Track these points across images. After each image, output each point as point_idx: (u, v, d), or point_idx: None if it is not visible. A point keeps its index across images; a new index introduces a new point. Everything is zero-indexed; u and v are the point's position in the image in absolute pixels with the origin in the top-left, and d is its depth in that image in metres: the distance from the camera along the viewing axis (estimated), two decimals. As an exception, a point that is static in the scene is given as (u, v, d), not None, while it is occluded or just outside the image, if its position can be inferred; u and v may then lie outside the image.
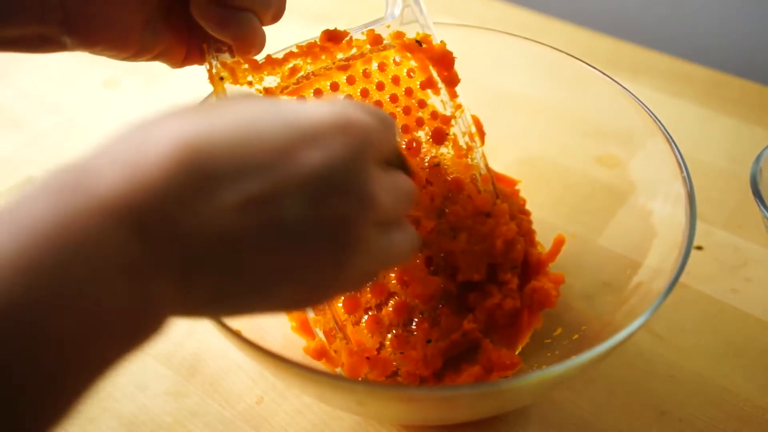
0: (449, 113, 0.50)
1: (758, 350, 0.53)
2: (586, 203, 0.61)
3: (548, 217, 0.59)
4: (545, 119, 0.64)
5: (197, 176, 0.28)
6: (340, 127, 0.31)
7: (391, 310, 0.49)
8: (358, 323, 0.49)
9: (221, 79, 0.43)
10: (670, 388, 0.51)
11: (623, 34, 0.83)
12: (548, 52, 0.57)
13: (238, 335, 0.40)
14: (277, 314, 0.44)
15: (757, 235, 0.60)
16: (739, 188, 0.64)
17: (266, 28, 0.43)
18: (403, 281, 0.48)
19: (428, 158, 0.50)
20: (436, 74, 0.49)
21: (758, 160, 0.55)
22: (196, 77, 0.48)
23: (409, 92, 0.49)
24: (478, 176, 0.51)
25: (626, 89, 0.53)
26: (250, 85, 0.44)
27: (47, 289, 0.25)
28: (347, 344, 0.47)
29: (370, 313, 0.49)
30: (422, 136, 0.50)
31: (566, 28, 0.84)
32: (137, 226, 0.27)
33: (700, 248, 0.60)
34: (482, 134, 0.52)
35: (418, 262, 0.49)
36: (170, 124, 0.29)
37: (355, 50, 0.47)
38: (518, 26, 0.81)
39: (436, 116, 0.49)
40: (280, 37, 0.48)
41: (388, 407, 0.45)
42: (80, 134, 0.74)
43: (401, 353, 0.48)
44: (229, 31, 0.41)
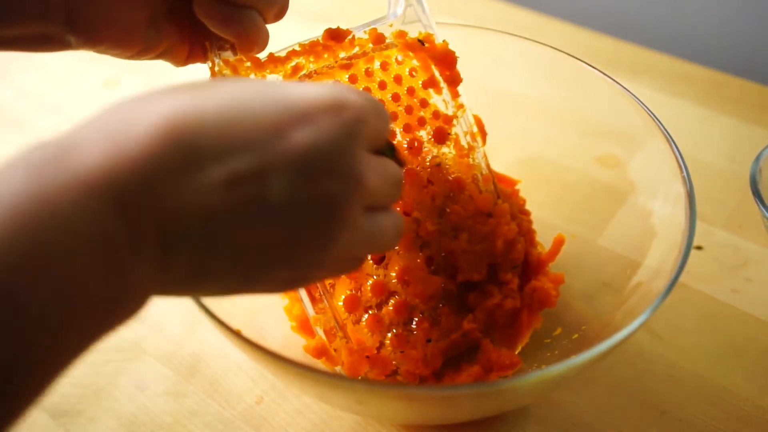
0: (451, 113, 0.50)
1: (758, 350, 0.53)
2: (586, 203, 0.61)
3: (548, 217, 0.59)
4: (545, 119, 0.64)
5: (183, 152, 0.28)
6: (332, 107, 0.31)
7: (391, 309, 0.49)
8: (358, 322, 0.49)
9: (224, 76, 0.43)
10: (670, 388, 0.51)
11: (623, 34, 0.83)
12: (548, 52, 0.57)
13: (238, 335, 0.40)
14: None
15: (757, 235, 0.60)
16: (739, 188, 0.64)
17: (270, 26, 0.43)
18: (403, 280, 0.48)
19: (430, 158, 0.50)
20: (438, 74, 0.49)
21: (758, 160, 0.55)
22: (197, 76, 0.48)
23: (411, 91, 0.49)
24: (479, 176, 0.51)
25: (626, 89, 0.53)
26: None
27: (23, 262, 0.24)
28: (347, 343, 0.47)
29: (370, 312, 0.49)
30: (424, 135, 0.50)
31: (566, 28, 0.84)
32: (118, 201, 0.26)
33: (700, 248, 0.60)
34: (484, 134, 0.52)
35: (418, 261, 0.49)
36: (158, 99, 0.29)
37: (357, 49, 0.47)
38: (518, 26, 0.81)
39: (437, 116, 0.49)
40: (281, 36, 0.48)
41: (387, 406, 0.45)
42: (80, 134, 0.74)
43: (401, 352, 0.48)
44: (232, 28, 0.41)
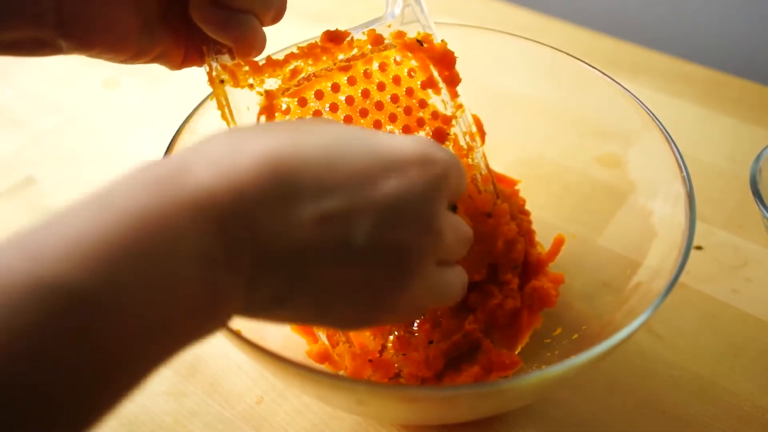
0: (450, 113, 0.50)
1: (758, 350, 0.53)
2: (586, 203, 0.61)
3: (548, 217, 0.59)
4: (545, 119, 0.64)
5: (282, 187, 0.30)
6: (421, 161, 0.33)
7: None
8: (359, 325, 0.49)
9: (222, 81, 0.42)
10: (670, 388, 0.51)
11: (623, 34, 0.83)
12: (548, 52, 0.57)
13: (238, 335, 0.40)
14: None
15: (757, 235, 0.60)
16: (739, 188, 0.64)
17: (266, 28, 0.43)
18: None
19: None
20: (437, 74, 0.49)
21: (758, 160, 0.55)
22: (196, 77, 0.48)
23: (409, 92, 0.49)
24: (478, 176, 0.51)
25: (626, 89, 0.53)
26: (251, 87, 0.43)
27: (132, 271, 0.26)
28: (350, 348, 0.47)
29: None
30: (422, 135, 0.50)
31: (566, 28, 0.84)
32: (221, 223, 0.29)
33: (700, 248, 0.60)
34: (483, 134, 0.52)
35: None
36: (264, 136, 0.31)
37: (356, 50, 0.47)
38: (518, 26, 0.81)
39: (436, 116, 0.49)
40: (281, 37, 0.48)
41: (388, 407, 0.45)
42: (80, 134, 0.74)
43: (403, 355, 0.48)
44: (229, 33, 0.41)
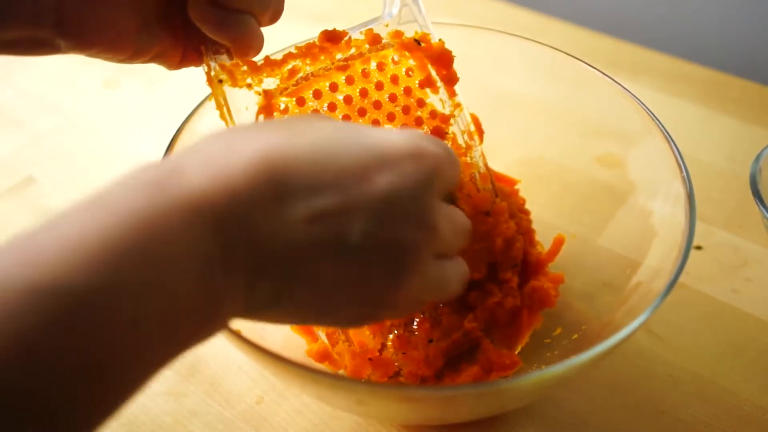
0: (448, 112, 0.50)
1: (758, 350, 0.53)
2: (586, 203, 0.61)
3: (548, 217, 0.59)
4: (545, 119, 0.64)
5: (276, 187, 0.30)
6: (413, 155, 0.33)
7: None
8: (359, 324, 0.49)
9: (220, 81, 0.42)
10: (669, 388, 0.51)
11: (623, 34, 0.83)
12: (548, 52, 0.57)
13: (238, 335, 0.40)
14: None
15: (757, 235, 0.60)
16: (739, 188, 0.64)
17: (265, 28, 0.43)
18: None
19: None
20: (434, 73, 0.49)
21: (758, 160, 0.55)
22: (196, 77, 0.48)
23: (407, 91, 0.49)
24: (477, 175, 0.51)
25: (626, 89, 0.53)
26: (249, 87, 0.43)
27: (130, 273, 0.26)
28: (350, 346, 0.47)
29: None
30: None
31: (566, 28, 0.84)
32: (216, 224, 0.29)
33: (699, 248, 0.60)
34: (481, 133, 0.52)
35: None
36: (256, 136, 0.31)
37: (354, 50, 0.47)
38: (518, 26, 0.81)
39: (435, 115, 0.49)
40: (279, 37, 0.48)
41: (388, 407, 0.45)
42: (80, 134, 0.74)
43: (403, 353, 0.48)
44: (227, 32, 0.41)
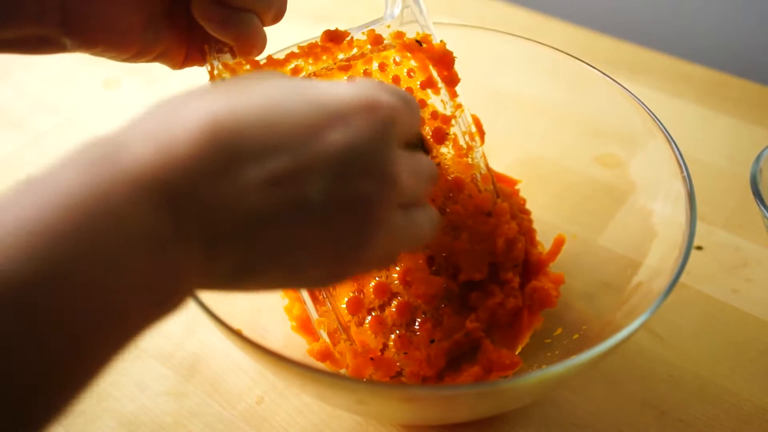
0: (449, 113, 0.50)
1: (758, 350, 0.53)
2: (586, 203, 0.61)
3: (548, 217, 0.59)
4: (545, 119, 0.64)
5: (224, 153, 0.29)
6: (365, 107, 0.32)
7: (394, 310, 0.49)
8: (361, 324, 0.49)
9: (223, 80, 0.43)
10: (670, 388, 0.51)
11: (623, 34, 0.83)
12: (548, 52, 0.57)
13: (238, 335, 0.40)
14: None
15: (757, 235, 0.60)
16: (739, 188, 0.64)
17: (268, 28, 0.43)
18: (405, 281, 0.48)
19: (429, 158, 0.50)
20: (436, 74, 0.49)
21: (758, 160, 0.55)
22: (197, 77, 0.48)
23: (409, 92, 0.49)
24: (478, 176, 0.51)
25: (626, 89, 0.53)
26: None
27: (76, 254, 0.26)
28: (351, 346, 0.47)
29: (373, 313, 0.49)
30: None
31: (566, 28, 0.84)
32: (165, 198, 0.28)
33: (700, 248, 0.60)
34: (482, 134, 0.52)
35: (420, 262, 0.49)
36: (199, 101, 0.30)
37: (356, 50, 0.47)
38: (518, 26, 0.81)
39: (436, 116, 0.49)
40: (281, 37, 0.48)
41: (388, 406, 0.45)
42: (80, 135, 0.73)
43: (405, 353, 0.48)
44: (230, 31, 0.41)
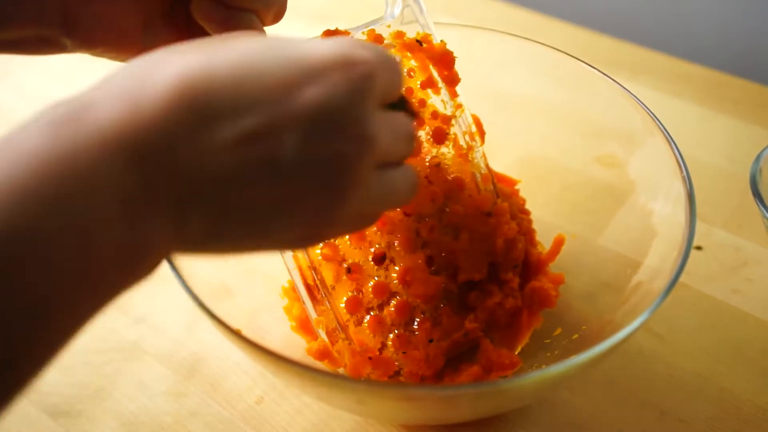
0: (449, 113, 0.50)
1: (758, 350, 0.53)
2: (586, 203, 0.61)
3: (548, 217, 0.59)
4: (545, 119, 0.64)
5: (196, 112, 0.28)
6: (342, 64, 0.31)
7: (392, 310, 0.49)
8: (360, 323, 0.49)
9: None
10: (670, 388, 0.51)
11: (623, 34, 0.83)
12: (548, 52, 0.57)
13: (238, 335, 0.40)
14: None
15: (757, 235, 0.60)
16: (739, 188, 0.64)
17: (269, 27, 0.43)
18: (404, 281, 0.48)
19: (429, 158, 0.50)
20: (436, 74, 0.49)
21: (758, 160, 0.55)
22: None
23: (409, 92, 0.49)
24: (478, 175, 0.51)
25: (626, 89, 0.53)
26: None
27: (44, 217, 0.25)
28: (350, 345, 0.47)
29: (372, 313, 0.49)
30: (423, 135, 0.50)
31: (566, 28, 0.84)
32: (135, 158, 0.27)
33: (700, 248, 0.60)
34: (482, 133, 0.52)
35: (419, 262, 0.49)
36: (170, 59, 0.29)
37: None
38: (518, 26, 0.81)
39: (436, 116, 0.49)
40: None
41: (387, 406, 0.45)
42: (80, 134, 0.74)
43: (403, 353, 0.48)
44: (230, 31, 0.41)
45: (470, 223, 0.50)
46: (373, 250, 0.49)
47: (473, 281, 0.50)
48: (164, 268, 0.33)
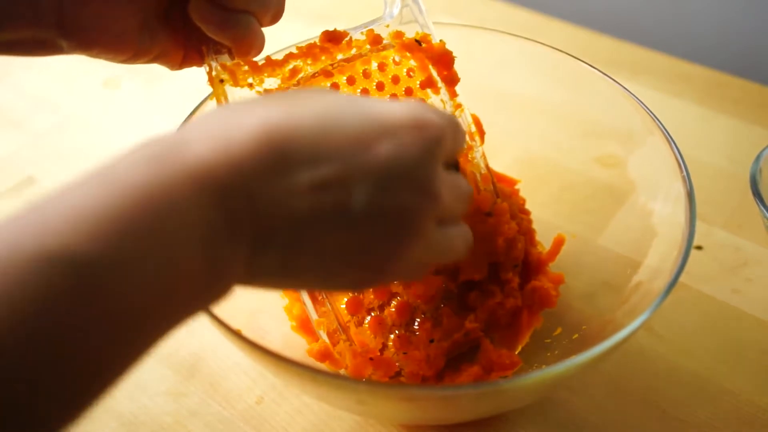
0: (449, 112, 0.50)
1: (758, 350, 0.53)
2: (586, 203, 0.61)
3: (548, 216, 0.59)
4: (545, 119, 0.64)
5: (278, 158, 0.30)
6: (415, 125, 0.33)
7: (393, 310, 0.49)
8: (360, 324, 0.49)
9: (221, 81, 0.43)
10: (670, 387, 0.51)
11: (623, 34, 0.83)
12: (548, 52, 0.57)
13: (238, 335, 0.40)
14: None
15: (757, 235, 0.60)
16: (739, 188, 0.64)
17: (267, 28, 0.43)
18: (404, 282, 0.48)
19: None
20: (435, 73, 0.49)
21: (758, 160, 0.55)
22: (196, 77, 0.48)
23: (408, 92, 0.49)
24: (478, 175, 0.51)
25: (626, 89, 0.53)
26: (250, 87, 0.43)
27: (138, 242, 0.27)
28: (351, 346, 0.47)
29: (372, 314, 0.49)
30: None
31: (566, 28, 0.84)
32: (219, 196, 0.29)
33: (700, 248, 0.60)
34: (482, 133, 0.52)
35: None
36: (259, 109, 0.32)
37: (354, 50, 0.47)
38: (518, 26, 0.81)
39: (436, 116, 0.49)
40: (280, 37, 0.48)
41: (388, 406, 0.45)
42: (80, 134, 0.74)
43: (404, 353, 0.48)
44: (228, 33, 0.41)
45: (470, 222, 0.49)
46: None
47: (473, 281, 0.50)
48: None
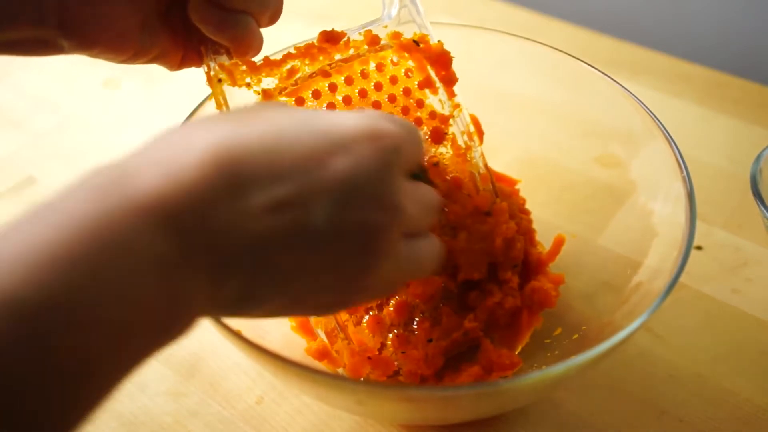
0: (447, 112, 0.50)
1: (758, 350, 0.53)
2: (586, 203, 0.61)
3: (548, 216, 0.59)
4: (545, 119, 0.64)
5: (229, 180, 0.29)
6: (370, 136, 0.32)
7: (391, 309, 0.49)
8: (359, 323, 0.49)
9: (219, 81, 0.43)
10: (670, 388, 0.51)
11: (623, 34, 0.83)
12: (548, 52, 0.57)
13: (238, 335, 0.40)
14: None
15: (757, 235, 0.60)
16: (739, 188, 0.64)
17: (266, 28, 0.43)
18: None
19: (427, 158, 0.50)
20: (433, 74, 0.49)
21: (758, 160, 0.55)
22: (196, 78, 0.48)
23: (407, 92, 0.49)
24: (477, 175, 0.51)
25: (626, 89, 0.53)
26: (248, 86, 0.43)
27: (85, 282, 0.26)
28: (349, 344, 0.47)
29: (371, 313, 0.49)
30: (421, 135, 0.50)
31: (566, 28, 0.84)
32: (172, 225, 0.28)
33: (700, 248, 0.60)
34: (481, 133, 0.52)
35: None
36: (206, 130, 0.30)
37: (352, 51, 0.47)
38: (518, 26, 0.81)
39: (434, 116, 0.49)
40: (279, 37, 0.48)
41: (387, 407, 0.45)
42: (80, 134, 0.74)
43: (403, 353, 0.48)
44: (226, 33, 0.41)
45: (469, 222, 0.50)
46: None
47: (472, 281, 0.50)
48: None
